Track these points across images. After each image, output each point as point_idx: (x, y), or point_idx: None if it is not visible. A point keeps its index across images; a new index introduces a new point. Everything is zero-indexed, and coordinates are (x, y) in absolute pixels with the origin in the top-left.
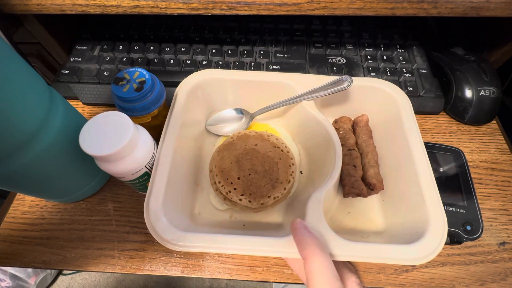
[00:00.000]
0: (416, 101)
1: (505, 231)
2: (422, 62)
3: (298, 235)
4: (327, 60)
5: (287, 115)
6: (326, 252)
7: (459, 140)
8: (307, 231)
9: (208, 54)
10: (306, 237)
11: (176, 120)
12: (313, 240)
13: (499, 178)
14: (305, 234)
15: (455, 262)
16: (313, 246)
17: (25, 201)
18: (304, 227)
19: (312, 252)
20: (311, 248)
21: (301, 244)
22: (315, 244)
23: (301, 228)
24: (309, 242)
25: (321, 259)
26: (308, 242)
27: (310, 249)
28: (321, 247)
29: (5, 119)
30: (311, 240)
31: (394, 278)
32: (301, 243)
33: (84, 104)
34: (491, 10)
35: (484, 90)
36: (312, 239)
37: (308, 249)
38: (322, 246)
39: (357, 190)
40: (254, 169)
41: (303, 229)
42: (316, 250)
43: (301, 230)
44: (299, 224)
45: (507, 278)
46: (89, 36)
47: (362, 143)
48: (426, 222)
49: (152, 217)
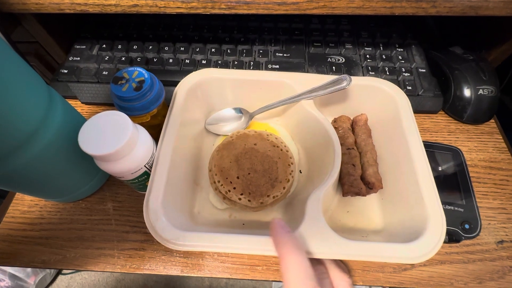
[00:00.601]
0: (415, 100)
1: (503, 229)
2: (421, 61)
3: (275, 235)
4: (326, 59)
5: (286, 114)
6: (301, 251)
7: (458, 139)
8: (285, 230)
9: (207, 53)
10: (282, 237)
11: (175, 119)
12: (289, 239)
13: (497, 176)
14: (282, 234)
15: (453, 261)
16: (288, 245)
17: (24, 200)
18: (282, 226)
19: (288, 251)
20: (287, 247)
21: (277, 243)
22: (291, 243)
23: (278, 227)
24: (285, 241)
25: (296, 258)
26: (284, 241)
27: (286, 248)
28: (296, 246)
29: (4, 119)
30: (287, 239)
31: (393, 276)
32: (277, 242)
33: (83, 103)
34: (489, 9)
35: (483, 89)
36: (288, 238)
37: (284, 248)
38: (298, 245)
39: (356, 189)
40: (253, 168)
41: (280, 228)
42: (291, 249)
43: (278, 230)
44: (277, 224)
45: (505, 276)
46: (88, 35)
47: (361, 142)
48: (424, 220)
49: (151, 216)
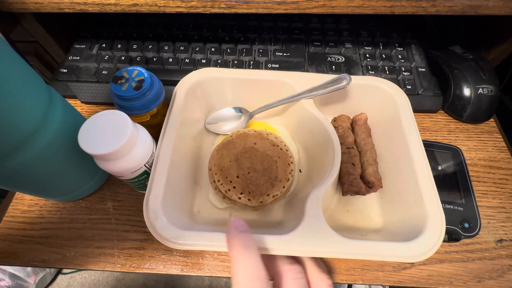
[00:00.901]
0: (415, 99)
1: (502, 228)
2: (421, 61)
3: (227, 234)
4: (326, 59)
5: (286, 113)
6: (252, 251)
7: (457, 138)
8: (238, 230)
9: (207, 53)
10: (234, 236)
11: (175, 118)
12: (240, 239)
13: (496, 176)
14: (234, 233)
15: (452, 259)
16: (239, 245)
17: (24, 200)
18: (236, 226)
19: (237, 252)
20: (237, 247)
21: (228, 243)
22: (241, 244)
23: (231, 227)
24: (236, 241)
25: (245, 258)
26: (235, 241)
27: (236, 248)
28: (246, 246)
29: (4, 118)
30: (238, 239)
31: (393, 275)
32: (229, 243)
33: (83, 103)
34: (489, 8)
35: (482, 89)
36: (239, 238)
37: (234, 248)
38: (249, 245)
39: (356, 188)
40: (253, 167)
41: (233, 228)
42: (241, 249)
43: (231, 229)
44: (231, 224)
45: (504, 275)
46: (88, 35)
47: (360, 141)
48: (424, 219)
49: (151, 216)
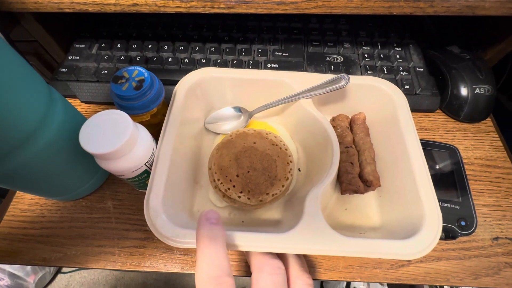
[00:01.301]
0: (413, 99)
1: (498, 226)
2: (419, 61)
3: (197, 226)
4: (324, 59)
5: (285, 113)
6: (217, 243)
7: (455, 138)
8: (209, 222)
9: (207, 53)
10: (202, 228)
11: (175, 118)
12: (207, 231)
13: (493, 174)
14: (203, 225)
15: (449, 257)
16: (204, 237)
17: (24, 199)
18: (207, 218)
19: (202, 243)
20: (203, 238)
21: (197, 234)
22: (207, 235)
23: (202, 219)
24: (203, 233)
25: (209, 249)
26: (202, 232)
27: (202, 239)
28: (212, 238)
29: (5, 118)
30: (205, 230)
31: (391, 272)
32: (197, 233)
33: (83, 102)
34: (486, 9)
35: (479, 88)
36: (206, 230)
37: (200, 239)
38: (214, 237)
39: (354, 187)
40: (252, 166)
41: (204, 220)
42: (206, 241)
43: (201, 221)
44: (202, 215)
45: (500, 272)
46: (87, 34)
47: (359, 140)
48: (421, 218)
49: (152, 214)
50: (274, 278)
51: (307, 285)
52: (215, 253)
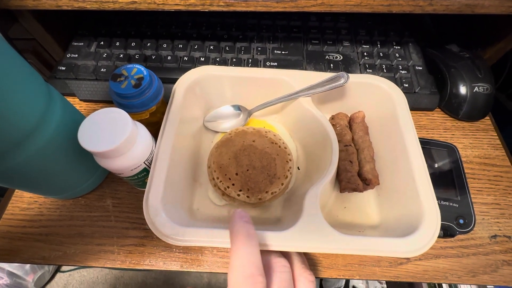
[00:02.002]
0: (412, 97)
1: (496, 224)
2: (418, 59)
3: (232, 223)
4: (324, 57)
5: (284, 111)
6: (252, 241)
7: (453, 136)
8: (243, 220)
9: (206, 51)
10: (238, 225)
11: (174, 116)
12: (242, 228)
13: (491, 173)
14: (238, 223)
15: (448, 255)
16: (241, 234)
17: (23, 197)
18: (241, 216)
19: (237, 240)
20: (238, 236)
21: (232, 231)
22: (243, 233)
23: (236, 217)
24: (239, 230)
25: (246, 246)
26: (239, 230)
27: (239, 236)
28: (248, 236)
29: (3, 117)
30: (241, 228)
31: (389, 270)
32: (232, 230)
33: (81, 100)
34: (485, 7)
35: (478, 87)
36: (241, 228)
37: (237, 236)
38: (250, 235)
39: (353, 185)
40: (252, 165)
41: (238, 218)
42: (242, 238)
43: (235, 219)
44: (236, 214)
45: (498, 270)
46: (86, 32)
47: (358, 139)
48: (420, 216)
49: (151, 212)
50: (282, 276)
51: (310, 281)
52: (251, 251)
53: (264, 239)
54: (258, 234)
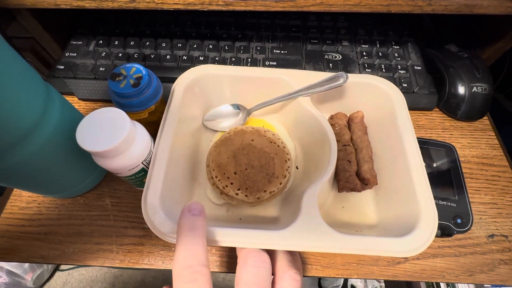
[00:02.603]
0: (410, 97)
1: (494, 223)
2: (417, 59)
3: (179, 217)
4: (323, 57)
5: (283, 111)
6: (195, 234)
7: (452, 136)
8: (191, 213)
9: (205, 50)
10: (183, 218)
11: (173, 115)
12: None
13: (489, 172)
14: (183, 216)
15: (445, 254)
16: (185, 227)
17: (22, 196)
18: (189, 210)
19: (181, 233)
20: (181, 230)
21: (178, 225)
22: (187, 226)
23: (184, 210)
24: (183, 224)
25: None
26: (183, 223)
27: (181, 230)
28: (192, 229)
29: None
30: (186, 221)
31: (387, 269)
32: (177, 225)
33: (80, 99)
34: (484, 7)
35: (476, 87)
36: (187, 221)
37: (180, 230)
38: (194, 228)
39: (352, 185)
40: (250, 164)
41: (186, 211)
42: (185, 231)
43: (183, 213)
44: (185, 208)
45: (495, 269)
46: (84, 31)
47: (357, 139)
48: (417, 216)
49: (149, 211)
50: (258, 271)
51: (293, 280)
52: (192, 243)
53: (262, 238)
54: (256, 233)
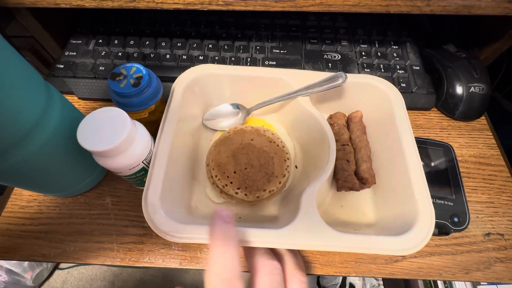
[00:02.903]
0: (409, 97)
1: (490, 222)
2: (415, 59)
3: (211, 224)
4: (322, 56)
5: (282, 110)
6: (231, 244)
7: (449, 136)
8: (223, 221)
9: (204, 49)
10: (217, 227)
11: (173, 115)
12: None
13: (486, 172)
14: (217, 224)
15: (442, 252)
16: (219, 236)
17: (22, 195)
18: (221, 217)
19: (217, 243)
20: (217, 238)
21: (210, 233)
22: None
23: (216, 217)
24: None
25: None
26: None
27: (216, 239)
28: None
29: (3, 115)
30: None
31: (385, 267)
32: (211, 232)
33: (80, 99)
34: (482, 8)
35: (474, 87)
36: (221, 230)
37: (214, 239)
38: (229, 238)
39: (350, 184)
40: (250, 163)
41: (218, 219)
42: (220, 241)
43: (216, 220)
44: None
45: (491, 266)
46: (84, 30)
47: (355, 138)
48: (415, 214)
49: (150, 210)
50: (273, 278)
51: (301, 282)
52: (229, 254)
53: (261, 236)
54: (255, 231)
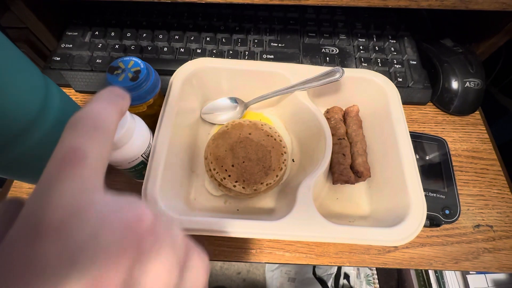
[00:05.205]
0: (405, 91)
1: (480, 214)
2: (412, 53)
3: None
4: (320, 50)
5: (280, 104)
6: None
7: (444, 130)
8: (114, 93)
9: (202, 42)
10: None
11: (172, 108)
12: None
13: (478, 165)
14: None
15: (433, 243)
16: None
17: (22, 188)
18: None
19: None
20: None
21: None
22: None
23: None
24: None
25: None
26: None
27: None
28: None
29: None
30: (107, 95)
31: (378, 258)
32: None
33: (77, 92)
34: (479, 3)
35: (469, 82)
36: (109, 94)
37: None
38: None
39: (346, 178)
40: (248, 156)
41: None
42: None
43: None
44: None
45: (479, 256)
46: (80, 22)
47: (352, 132)
48: (407, 207)
49: (149, 203)
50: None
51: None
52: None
53: (258, 228)
54: (253, 223)
